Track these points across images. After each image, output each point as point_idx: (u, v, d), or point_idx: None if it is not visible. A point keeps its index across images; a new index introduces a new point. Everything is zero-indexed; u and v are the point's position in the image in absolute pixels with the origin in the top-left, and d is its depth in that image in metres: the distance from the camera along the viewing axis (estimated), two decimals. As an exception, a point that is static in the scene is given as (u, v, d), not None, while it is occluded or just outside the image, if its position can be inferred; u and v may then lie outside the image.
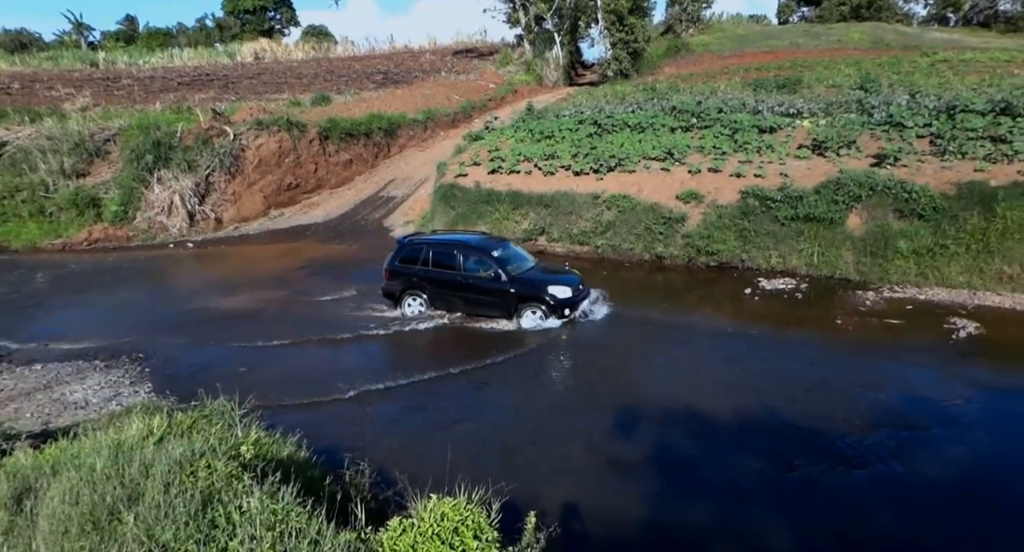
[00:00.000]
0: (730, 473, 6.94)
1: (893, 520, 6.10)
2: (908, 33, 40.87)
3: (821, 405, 8.39)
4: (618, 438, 7.90)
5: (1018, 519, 6.10)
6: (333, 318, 12.69)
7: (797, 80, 25.98)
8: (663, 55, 39.42)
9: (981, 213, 13.08)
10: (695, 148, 18.11)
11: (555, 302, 11.83)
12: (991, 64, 27.96)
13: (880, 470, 6.89)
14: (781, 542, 5.81)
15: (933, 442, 7.48)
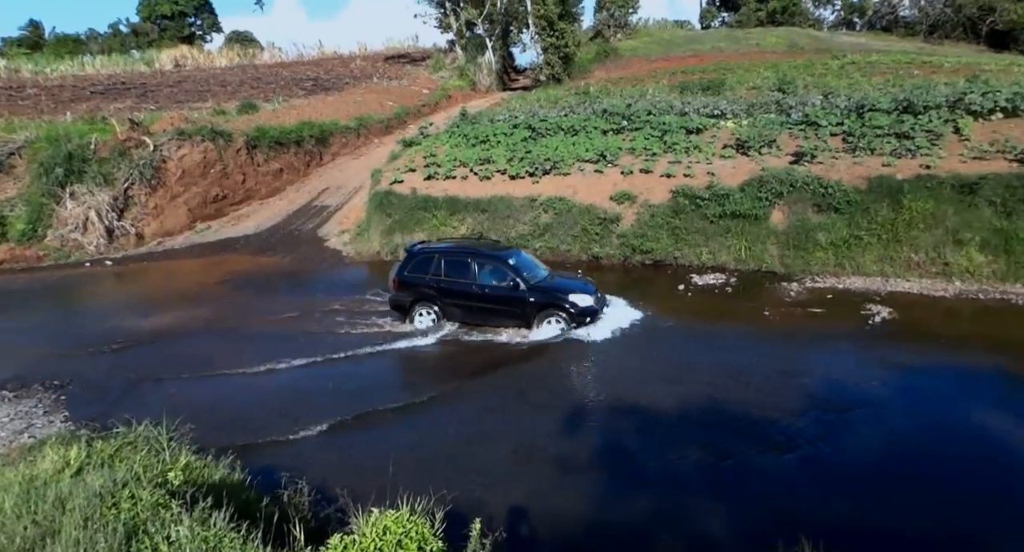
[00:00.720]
0: (669, 465, 7.13)
1: (822, 499, 6.42)
2: (820, 37, 43.22)
3: (753, 394, 8.73)
4: (558, 436, 7.96)
5: (932, 489, 6.51)
6: (265, 334, 12.28)
7: (720, 83, 26.98)
8: (593, 60, 40.22)
9: (890, 205, 13.94)
10: (627, 150, 18.54)
11: (576, 310, 11.39)
12: (894, 65, 29.89)
13: (809, 452, 7.23)
14: (719, 529, 6.00)
15: (855, 423, 7.92)
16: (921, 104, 17.07)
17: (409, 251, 12.52)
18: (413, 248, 12.64)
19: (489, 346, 11.26)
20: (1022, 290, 12.11)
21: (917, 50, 37.76)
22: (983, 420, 7.87)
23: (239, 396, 9.73)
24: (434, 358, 11.15)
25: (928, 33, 46.60)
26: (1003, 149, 14.60)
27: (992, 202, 13.23)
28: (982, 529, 5.89)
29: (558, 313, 11.45)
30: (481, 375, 10.22)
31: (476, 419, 8.66)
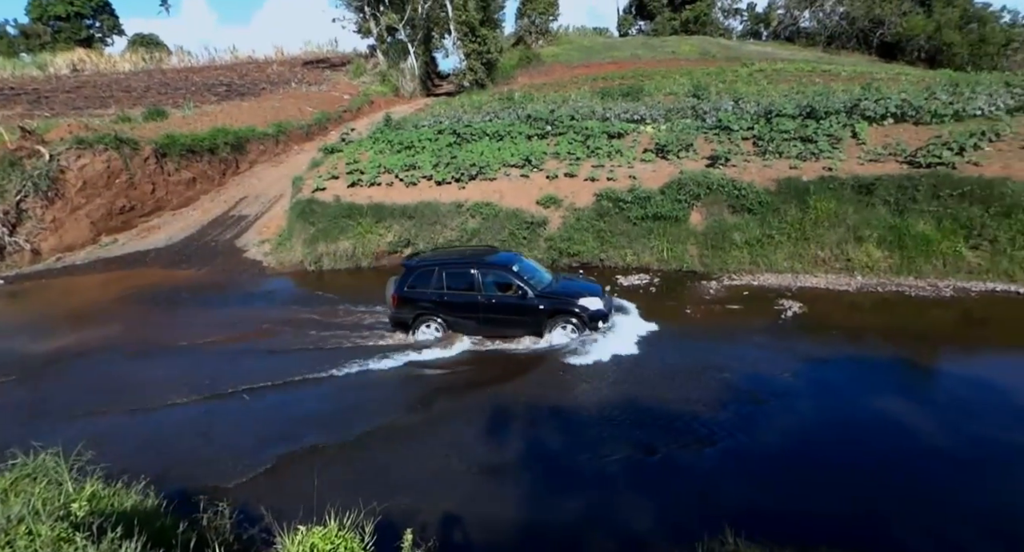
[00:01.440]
0: (598, 464, 7.24)
1: (742, 488, 6.69)
2: (730, 46, 45.41)
3: (676, 390, 9.02)
4: (488, 443, 7.95)
5: (840, 473, 6.91)
6: (172, 352, 11.63)
7: (639, 89, 27.86)
8: (516, 65, 40.64)
9: (798, 205, 14.77)
10: (551, 154, 18.82)
11: (587, 315, 11.08)
12: (797, 73, 31.80)
13: (729, 444, 7.54)
14: (647, 523, 6.15)
15: (771, 413, 8.33)
16: (822, 110, 18.24)
17: (407, 265, 11.86)
18: (410, 262, 11.99)
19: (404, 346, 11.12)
20: (914, 282, 13.11)
21: (817, 59, 40.33)
22: (883, 405, 8.44)
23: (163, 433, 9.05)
24: (369, 382, 10.82)
25: (827, 43, 49.88)
26: (894, 152, 15.78)
27: (887, 201, 14.25)
28: (884, 507, 6.29)
29: (569, 319, 11.11)
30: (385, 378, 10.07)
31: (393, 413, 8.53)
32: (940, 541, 5.64)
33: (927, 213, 13.76)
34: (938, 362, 10.09)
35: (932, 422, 7.89)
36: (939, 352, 10.40)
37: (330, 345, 11.53)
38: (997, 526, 5.92)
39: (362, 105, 34.79)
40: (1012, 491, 6.45)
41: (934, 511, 6.20)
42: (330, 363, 10.49)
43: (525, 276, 11.42)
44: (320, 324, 12.60)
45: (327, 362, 10.53)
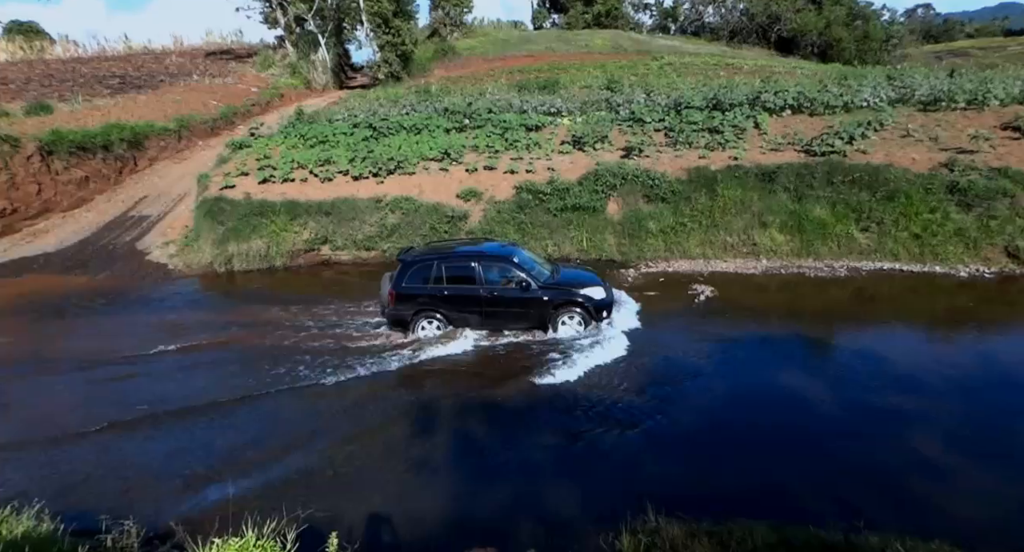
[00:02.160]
0: (524, 453, 7.34)
1: (663, 468, 6.97)
2: (640, 40, 46.76)
3: (597, 377, 9.25)
4: (414, 438, 7.90)
5: (752, 449, 7.33)
6: (80, 371, 10.80)
7: (555, 82, 28.22)
8: (432, 58, 40.19)
9: (707, 194, 15.45)
10: (470, 147, 18.79)
11: (593, 306, 10.83)
12: (704, 67, 33.18)
13: (649, 425, 7.82)
14: (574, 508, 6.29)
15: (687, 394, 8.71)
16: (727, 102, 19.15)
17: (403, 260, 11.31)
18: (406, 257, 11.41)
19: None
20: (813, 264, 14.03)
21: (722, 53, 42.23)
22: (787, 381, 9.02)
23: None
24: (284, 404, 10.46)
25: (730, 38, 52.28)
26: (793, 141, 16.79)
27: (787, 188, 15.15)
28: (794, 479, 6.73)
29: (576, 310, 10.83)
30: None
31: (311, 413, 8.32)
32: (841, 505, 6.08)
33: (823, 199, 14.73)
34: (834, 337, 10.84)
35: (829, 394, 8.49)
36: (835, 328, 11.18)
37: (256, 352, 11.07)
38: (887, 484, 6.45)
39: (272, 98, 33.38)
40: (897, 452, 7.05)
41: (834, 478, 6.68)
42: (257, 376, 10.04)
43: (527, 267, 11.13)
44: (246, 327, 12.07)
45: (255, 376, 10.07)
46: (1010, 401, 8.15)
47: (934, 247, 13.61)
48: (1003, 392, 8.40)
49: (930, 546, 4.55)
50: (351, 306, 12.84)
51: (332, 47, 39.95)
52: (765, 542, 4.53)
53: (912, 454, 6.97)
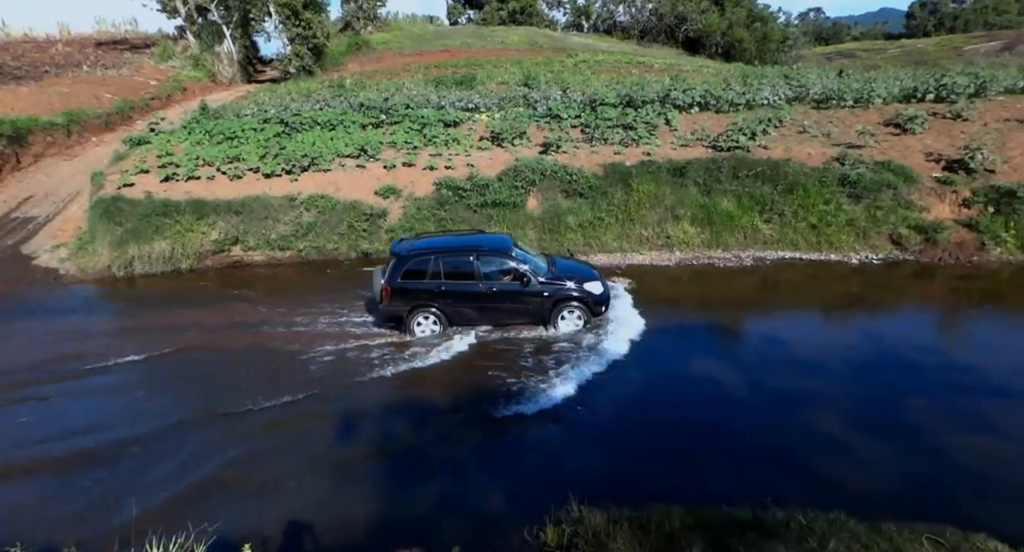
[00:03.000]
0: (450, 450, 7.30)
1: (585, 458, 7.12)
2: (555, 37, 47.41)
3: (517, 372, 9.34)
4: (338, 440, 7.69)
5: (667, 430, 7.63)
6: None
7: (472, 77, 28.12)
8: (346, 52, 39.11)
9: (623, 189, 15.88)
10: (388, 144, 18.45)
11: (593, 300, 10.72)
12: (617, 65, 34.04)
13: (571, 417, 7.99)
14: (500, 503, 6.32)
15: (606, 385, 8.94)
16: (639, 99, 19.75)
17: (398, 254, 10.84)
18: (401, 250, 10.93)
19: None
20: (722, 254, 14.74)
21: (633, 51, 43.48)
22: (701, 367, 9.45)
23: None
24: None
25: (640, 37, 53.95)
26: (701, 137, 17.54)
27: (697, 182, 15.80)
28: (708, 462, 7.06)
29: (577, 306, 10.73)
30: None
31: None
32: (752, 483, 6.44)
33: (729, 192, 15.47)
34: (742, 324, 11.45)
35: (738, 378, 8.97)
36: (743, 315, 11.81)
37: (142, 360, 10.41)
38: (792, 461, 6.89)
39: (173, 92, 31.44)
40: (801, 430, 7.54)
41: (745, 458, 7.05)
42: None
43: (526, 262, 10.91)
44: (157, 332, 11.32)
45: (174, 399, 9.48)
46: (897, 378, 8.87)
47: (829, 236, 14.60)
48: (891, 370, 9.13)
49: (829, 517, 4.90)
50: (268, 307, 12.34)
51: (238, 39, 38.06)
52: (682, 524, 4.72)
53: (813, 432, 7.47)
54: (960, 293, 12.52)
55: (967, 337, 10.74)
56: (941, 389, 8.46)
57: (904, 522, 4.95)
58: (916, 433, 7.34)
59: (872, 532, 4.68)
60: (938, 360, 9.43)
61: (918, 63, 39.13)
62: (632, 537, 4.49)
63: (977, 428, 7.31)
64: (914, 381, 8.76)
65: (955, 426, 7.41)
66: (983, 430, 7.26)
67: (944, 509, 5.71)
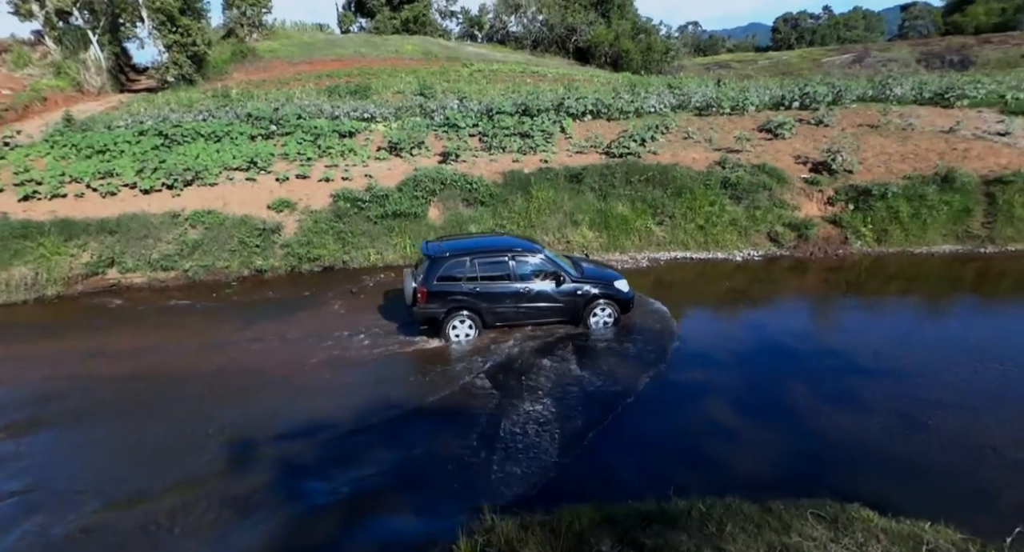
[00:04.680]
0: (347, 469, 7.05)
1: (494, 466, 7.13)
2: (450, 46, 47.52)
3: (421, 380, 9.26)
4: (234, 468, 7.26)
5: (574, 432, 7.81)
6: None
7: (367, 87, 27.64)
8: (229, 60, 37.19)
9: (523, 196, 16.15)
10: (279, 156, 17.76)
11: (623, 298, 10.96)
12: (511, 74, 34.62)
13: (483, 421, 7.98)
14: (410, 519, 6.18)
15: (510, 386, 9.03)
16: (535, 108, 20.19)
17: (432, 256, 10.64)
18: (433, 252, 10.76)
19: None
20: (620, 256, 15.34)
21: (527, 61, 44.39)
22: (600, 366, 9.76)
23: None
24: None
25: (533, 47, 55.17)
26: (595, 144, 18.19)
27: (593, 188, 16.36)
28: (616, 459, 7.29)
29: (608, 303, 10.90)
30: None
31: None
32: (655, 476, 6.72)
33: (623, 196, 16.13)
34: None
35: (636, 375, 9.33)
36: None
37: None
38: (690, 452, 7.25)
39: (31, 102, 28.55)
40: (695, 422, 7.96)
41: (648, 453, 7.35)
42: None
43: (559, 262, 11.07)
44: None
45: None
46: (777, 366, 9.58)
47: (715, 236, 15.56)
48: (771, 358, 9.85)
49: (725, 502, 5.20)
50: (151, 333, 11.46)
51: (107, 45, 35.26)
52: (591, 522, 4.84)
53: (707, 422, 7.90)
54: (829, 284, 13.72)
55: (835, 324, 11.78)
56: (814, 373, 9.22)
57: (791, 499, 5.34)
58: (796, 415, 7.94)
59: (763, 512, 5.01)
60: (811, 346, 10.26)
61: (784, 74, 42.72)
62: (543, 540, 4.54)
63: (846, 407, 8.02)
64: (791, 367, 9.49)
65: (828, 406, 8.08)
66: (851, 408, 7.97)
67: (825, 483, 6.21)
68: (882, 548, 4.24)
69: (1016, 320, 11.34)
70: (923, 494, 6.10)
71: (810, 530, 4.61)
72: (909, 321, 11.57)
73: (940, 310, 12.17)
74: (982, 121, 18.51)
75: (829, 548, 4.25)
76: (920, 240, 15.09)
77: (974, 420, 7.50)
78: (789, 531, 4.60)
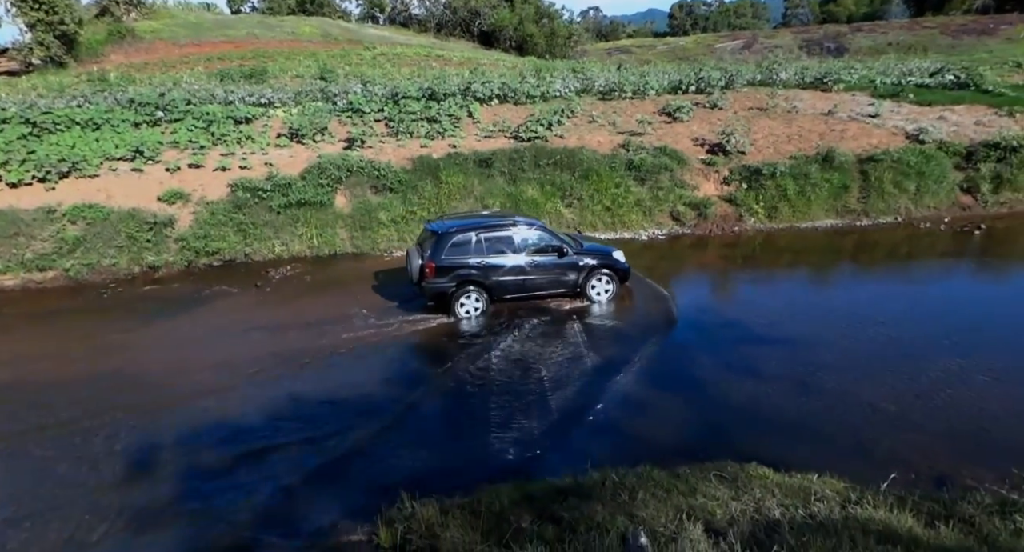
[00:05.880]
0: (264, 468, 6.81)
1: (413, 456, 7.09)
2: (351, 29, 45.99)
3: (315, 373, 9.07)
4: (137, 474, 6.82)
5: (496, 410, 7.90)
6: None
7: (263, 70, 26.33)
8: (105, 41, 34.23)
9: (432, 181, 15.98)
10: (169, 144, 16.63)
11: (621, 268, 11.42)
12: (416, 57, 34.04)
13: (390, 417, 7.90)
14: (332, 512, 6.04)
15: (426, 376, 9.00)
16: (442, 92, 19.93)
17: (438, 231, 10.85)
18: (439, 228, 10.97)
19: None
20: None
21: (431, 44, 43.73)
22: (514, 347, 9.89)
23: None
24: None
25: (437, 30, 54.42)
26: (503, 128, 18.23)
27: (503, 172, 16.42)
28: (536, 438, 7.43)
29: (608, 274, 11.33)
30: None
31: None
32: (573, 453, 6.91)
33: (533, 180, 16.31)
34: (550, 302, 12.15)
35: (550, 353, 9.54)
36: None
37: None
38: (607, 427, 7.52)
39: None
40: (610, 397, 8.25)
41: (567, 429, 7.54)
42: None
43: (559, 235, 11.54)
44: None
45: None
46: (683, 337, 10.08)
47: (622, 216, 16.07)
48: (679, 332, 10.34)
49: (636, 471, 5.44)
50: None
51: (-44, 22, 31.57)
52: (510, 500, 4.93)
53: (619, 396, 8.20)
54: (727, 259, 14.54)
55: (734, 296, 12.52)
56: (716, 343, 9.78)
57: (696, 464, 5.66)
58: (700, 385, 8.40)
59: (672, 477, 5.29)
60: (712, 318, 10.87)
61: (681, 59, 44.46)
62: (464, 523, 4.58)
63: (745, 374, 8.56)
64: (696, 338, 10.02)
65: (728, 375, 8.61)
66: (750, 375, 8.53)
67: (729, 446, 6.62)
68: (777, 501, 4.58)
69: (888, 285, 12.48)
70: (813, 449, 6.62)
71: (714, 491, 4.91)
72: (799, 291, 12.48)
73: (825, 280, 13.20)
74: (856, 104, 20.09)
75: (730, 506, 4.55)
76: (806, 216, 16.24)
77: (854, 379, 8.20)
78: (695, 493, 4.88)
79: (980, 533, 4.05)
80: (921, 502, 4.60)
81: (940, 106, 19.64)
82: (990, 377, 8.06)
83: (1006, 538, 3.96)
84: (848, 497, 4.72)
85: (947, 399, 7.56)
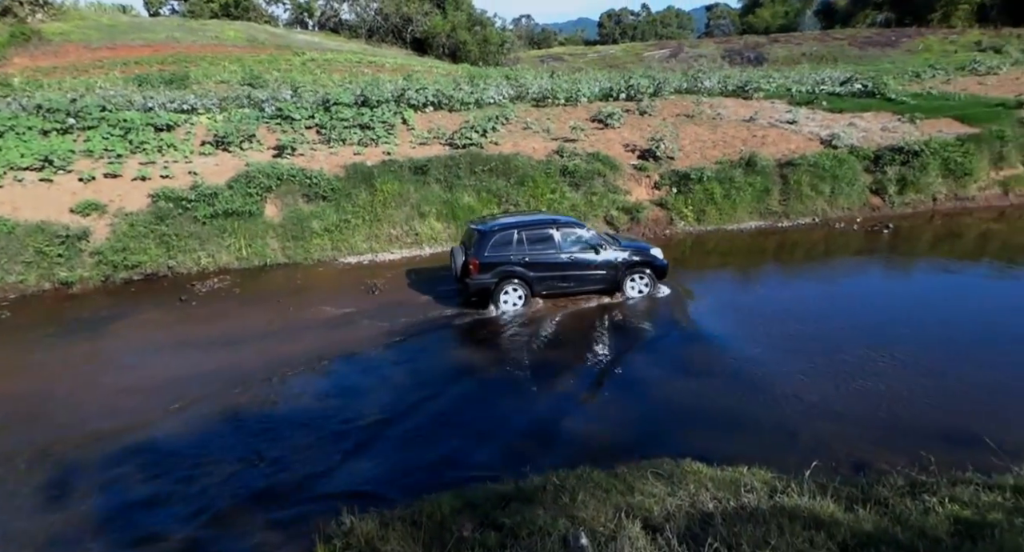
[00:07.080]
0: (206, 483, 6.52)
1: (355, 469, 6.94)
2: (278, 34, 44.80)
3: (276, 388, 8.77)
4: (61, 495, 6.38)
5: (446, 420, 7.84)
6: None
7: (184, 76, 25.32)
8: (8, 44, 32.02)
9: (367, 189, 15.74)
10: (82, 153, 15.73)
11: (660, 266, 11.69)
12: (347, 64, 33.51)
13: (332, 429, 7.72)
14: (260, 528, 5.84)
15: (366, 390, 8.84)
16: (375, 99, 19.69)
17: (482, 230, 11.35)
18: (482, 227, 11.51)
19: None
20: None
21: (363, 50, 43.14)
22: (458, 354, 9.86)
23: None
24: None
25: (368, 36, 53.73)
26: (438, 135, 18.17)
27: (438, 179, 16.35)
28: (474, 446, 7.42)
29: (646, 271, 11.64)
30: None
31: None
32: (514, 458, 6.94)
33: (469, 187, 16.32)
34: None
35: (488, 359, 9.56)
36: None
37: None
38: (546, 433, 7.58)
39: None
40: (548, 403, 8.34)
41: (507, 437, 7.57)
42: None
43: (597, 233, 11.86)
44: None
45: None
46: (619, 341, 10.30)
47: (558, 221, 16.26)
48: (614, 335, 10.56)
49: (576, 472, 5.51)
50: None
51: None
52: (452, 509, 4.89)
53: (559, 395, 8.30)
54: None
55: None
56: (649, 344, 10.06)
57: (634, 463, 5.78)
58: (640, 385, 8.61)
59: (611, 477, 5.38)
60: (650, 321, 11.15)
61: (611, 67, 45.55)
62: (405, 535, 4.50)
63: (680, 374, 8.85)
64: (632, 341, 10.25)
65: (666, 374, 8.87)
66: (685, 374, 8.82)
67: (667, 444, 6.80)
68: (710, 495, 4.74)
69: (808, 282, 13.17)
70: (743, 442, 6.89)
71: (651, 488, 5.02)
72: (728, 290, 12.99)
73: (751, 279, 13.79)
74: (775, 111, 21.14)
75: (667, 502, 4.66)
76: (732, 218, 16.94)
77: (779, 373, 8.60)
78: (633, 491, 4.98)
79: (894, 513, 4.31)
80: (841, 488, 4.85)
81: (850, 113, 20.94)
82: (901, 366, 8.63)
83: (916, 517, 4.23)
84: (775, 487, 4.93)
85: (862, 388, 8.04)
